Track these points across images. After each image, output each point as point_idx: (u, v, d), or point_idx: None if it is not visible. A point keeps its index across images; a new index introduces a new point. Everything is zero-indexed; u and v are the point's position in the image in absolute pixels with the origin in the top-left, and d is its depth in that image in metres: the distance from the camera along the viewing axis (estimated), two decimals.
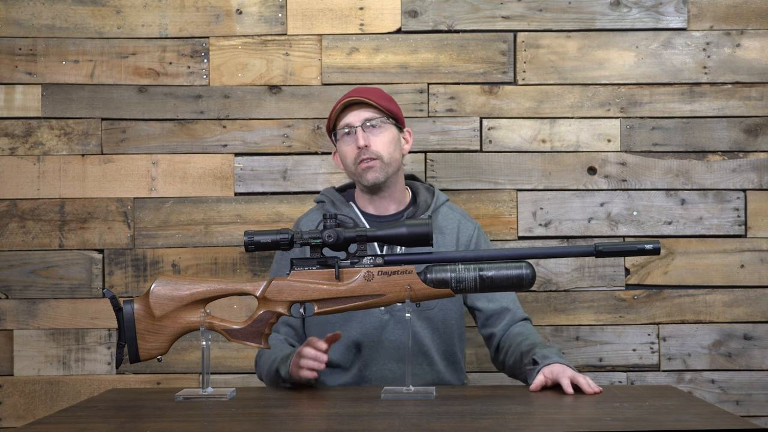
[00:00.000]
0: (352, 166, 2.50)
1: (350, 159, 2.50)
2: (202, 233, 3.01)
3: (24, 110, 3.02)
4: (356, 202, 2.60)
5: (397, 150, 2.52)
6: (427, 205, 2.56)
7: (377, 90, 2.58)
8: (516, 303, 2.54)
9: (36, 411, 2.97)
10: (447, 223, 2.57)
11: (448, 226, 2.57)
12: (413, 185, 2.64)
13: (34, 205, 3.01)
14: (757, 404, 2.98)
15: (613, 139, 3.01)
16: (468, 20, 3.02)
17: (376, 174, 2.48)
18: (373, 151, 2.47)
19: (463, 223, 2.58)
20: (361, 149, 2.47)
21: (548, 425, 1.88)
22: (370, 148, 2.47)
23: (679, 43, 3.01)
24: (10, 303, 2.99)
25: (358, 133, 2.48)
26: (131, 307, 2.11)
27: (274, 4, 3.02)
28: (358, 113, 2.50)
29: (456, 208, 2.63)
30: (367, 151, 2.47)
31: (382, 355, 2.47)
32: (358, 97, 2.50)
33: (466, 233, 2.57)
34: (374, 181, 2.49)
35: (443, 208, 2.60)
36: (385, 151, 2.49)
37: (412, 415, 1.94)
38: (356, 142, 2.48)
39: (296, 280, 2.12)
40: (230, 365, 3.00)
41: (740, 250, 3.00)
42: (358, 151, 2.47)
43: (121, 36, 3.02)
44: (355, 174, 2.52)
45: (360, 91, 2.55)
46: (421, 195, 2.60)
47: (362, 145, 2.46)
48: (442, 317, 2.49)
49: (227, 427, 1.88)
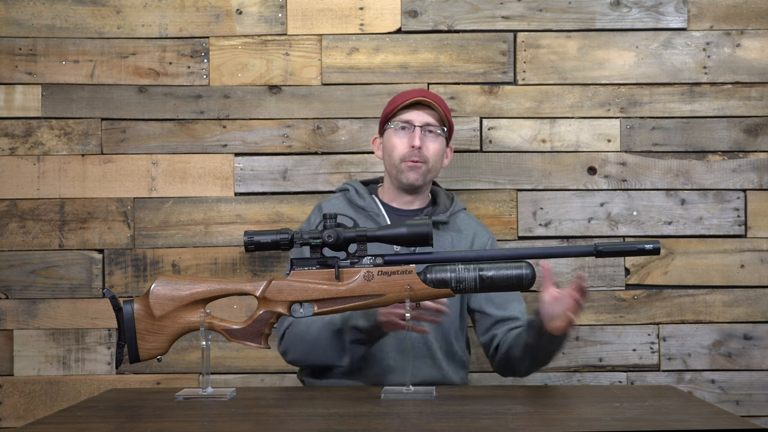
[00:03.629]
0: (397, 159, 2.54)
1: (398, 153, 2.54)
2: (202, 233, 3.01)
3: (24, 110, 3.02)
4: (378, 196, 2.63)
5: (440, 161, 2.59)
6: (446, 207, 2.62)
7: (442, 99, 2.64)
8: (525, 316, 2.52)
9: (36, 411, 2.97)
10: (465, 226, 2.62)
11: (466, 230, 2.61)
12: (434, 189, 2.69)
13: (34, 205, 3.01)
14: (757, 404, 2.98)
15: (613, 139, 3.01)
16: (468, 20, 3.02)
17: (417, 176, 2.54)
18: (423, 155, 2.53)
19: (479, 231, 2.63)
20: (414, 149, 2.52)
21: (548, 425, 1.87)
22: (422, 151, 2.52)
23: (679, 43, 3.01)
24: (10, 303, 2.99)
25: (416, 132, 2.52)
26: (131, 307, 2.11)
27: (274, 4, 3.02)
28: (422, 115, 2.55)
29: (473, 218, 2.68)
30: (418, 153, 2.52)
31: (384, 347, 2.46)
32: (428, 99, 2.55)
33: (480, 241, 2.61)
34: (414, 182, 2.54)
35: (461, 214, 2.65)
36: (432, 159, 2.55)
37: (412, 415, 1.94)
38: (411, 140, 2.52)
39: (296, 280, 2.12)
40: (230, 365, 3.00)
41: (740, 250, 3.00)
42: (410, 150, 2.52)
43: (121, 36, 3.02)
44: (397, 168, 2.55)
45: (428, 94, 2.60)
46: (440, 198, 2.65)
47: (417, 145, 2.51)
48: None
49: (227, 427, 1.88)
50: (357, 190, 2.62)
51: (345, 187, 2.65)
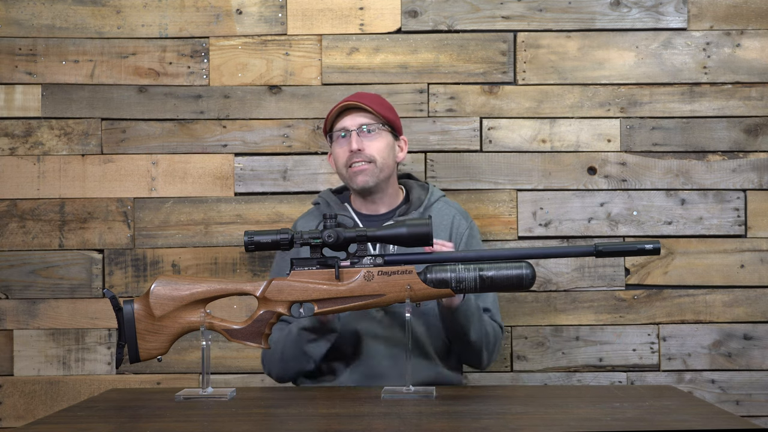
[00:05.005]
0: (343, 168, 2.55)
1: (342, 161, 2.55)
2: (202, 233, 3.01)
3: (24, 110, 3.02)
4: (351, 204, 2.64)
5: (390, 156, 2.56)
6: (420, 201, 2.59)
7: (376, 96, 2.62)
8: (496, 307, 2.55)
9: (36, 411, 2.97)
10: (442, 218, 2.59)
11: (443, 222, 2.59)
12: (407, 184, 2.68)
13: (34, 205, 3.01)
14: (757, 404, 2.98)
15: (613, 139, 3.01)
16: (468, 20, 3.02)
17: (366, 178, 2.52)
18: (367, 155, 2.52)
19: (457, 219, 2.61)
20: (353, 152, 2.51)
21: (548, 425, 1.87)
22: (363, 152, 2.51)
23: (679, 43, 3.01)
24: (10, 303, 2.99)
25: (352, 137, 2.52)
26: (131, 307, 2.12)
27: (274, 4, 3.02)
28: (355, 118, 2.55)
29: (453, 204, 2.65)
30: (360, 155, 2.51)
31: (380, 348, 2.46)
32: (355, 102, 2.53)
33: (459, 229, 2.59)
34: (363, 185, 2.53)
35: (438, 204, 2.62)
36: (378, 156, 2.53)
37: (412, 415, 1.94)
38: (349, 145, 2.52)
39: (296, 280, 2.12)
40: (230, 365, 3.00)
41: (740, 250, 3.00)
42: (350, 154, 2.52)
43: (121, 36, 3.02)
44: (345, 176, 2.56)
45: (359, 96, 2.58)
46: (414, 192, 2.63)
47: (355, 148, 2.51)
48: (435, 313, 2.50)
49: (227, 427, 1.88)
50: (329, 203, 2.63)
51: (317, 201, 2.67)
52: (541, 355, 2.99)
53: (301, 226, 2.62)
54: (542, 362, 2.99)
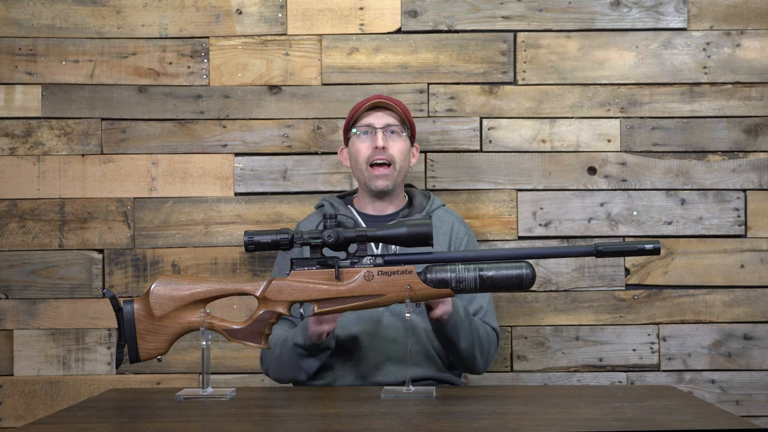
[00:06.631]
0: (363, 165, 2.57)
1: (363, 157, 2.57)
2: (202, 233, 3.01)
3: (24, 110, 3.02)
4: (354, 205, 2.65)
5: (407, 160, 2.63)
6: (422, 207, 2.64)
7: (401, 102, 2.68)
8: (491, 309, 2.55)
9: (36, 411, 2.97)
10: (442, 224, 2.63)
11: (443, 227, 2.62)
12: (410, 191, 2.73)
13: (34, 205, 3.01)
14: (757, 404, 2.98)
15: (613, 139, 3.01)
16: (468, 20, 3.02)
17: (386, 182, 2.56)
18: (389, 154, 2.56)
19: (456, 225, 2.64)
20: (377, 149, 2.55)
21: (548, 425, 1.87)
22: (387, 150, 2.55)
23: (679, 43, 3.01)
24: (10, 303, 2.99)
25: (378, 134, 2.56)
26: (131, 307, 2.11)
27: (274, 4, 3.02)
28: (382, 117, 2.59)
29: (452, 212, 2.69)
30: (383, 153, 2.55)
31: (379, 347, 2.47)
32: (386, 101, 2.58)
33: (458, 234, 2.63)
34: (383, 188, 2.57)
35: (439, 211, 2.67)
36: (398, 158, 2.58)
37: (412, 415, 1.94)
38: (374, 142, 2.56)
39: (296, 280, 2.12)
40: (230, 365, 3.00)
41: (740, 250, 3.00)
42: (374, 150, 2.55)
43: (121, 36, 3.02)
44: (363, 174, 2.57)
45: (386, 97, 2.64)
46: (416, 198, 2.68)
47: (381, 145, 2.55)
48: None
49: (227, 427, 1.88)
50: (332, 204, 2.65)
51: (321, 203, 2.69)
52: (541, 355, 2.99)
53: (304, 227, 2.63)
54: (542, 362, 2.99)
